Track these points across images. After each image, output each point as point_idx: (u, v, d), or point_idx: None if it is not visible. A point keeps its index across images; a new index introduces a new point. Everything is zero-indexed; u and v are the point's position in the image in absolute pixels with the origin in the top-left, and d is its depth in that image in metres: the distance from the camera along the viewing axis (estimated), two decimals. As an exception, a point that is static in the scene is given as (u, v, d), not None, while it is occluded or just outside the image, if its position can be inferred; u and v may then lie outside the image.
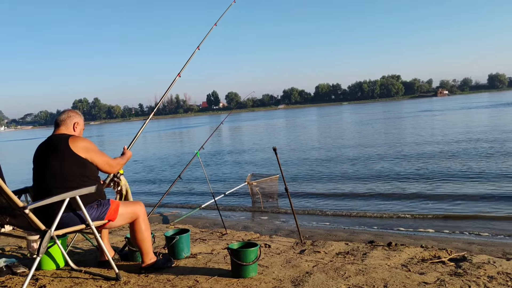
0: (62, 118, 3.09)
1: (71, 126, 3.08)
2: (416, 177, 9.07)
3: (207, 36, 4.39)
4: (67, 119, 3.08)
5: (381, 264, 3.24)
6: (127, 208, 3.06)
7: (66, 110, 3.21)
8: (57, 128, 3.07)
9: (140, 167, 15.36)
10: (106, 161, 3.03)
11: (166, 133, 43.76)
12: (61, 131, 3.04)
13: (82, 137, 3.03)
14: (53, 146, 2.92)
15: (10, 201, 2.53)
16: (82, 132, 3.18)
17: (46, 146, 2.98)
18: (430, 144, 14.86)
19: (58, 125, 3.08)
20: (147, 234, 3.14)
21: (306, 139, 21.44)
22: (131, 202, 3.23)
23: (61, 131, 3.04)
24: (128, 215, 3.06)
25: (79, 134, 3.12)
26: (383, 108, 66.08)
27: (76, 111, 3.22)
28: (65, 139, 2.90)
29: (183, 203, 8.54)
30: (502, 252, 4.02)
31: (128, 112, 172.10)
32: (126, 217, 3.05)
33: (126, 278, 3.07)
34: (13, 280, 3.16)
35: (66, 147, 2.86)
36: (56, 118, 3.12)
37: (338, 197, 7.99)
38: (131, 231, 3.14)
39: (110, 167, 3.09)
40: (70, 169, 2.85)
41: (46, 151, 2.94)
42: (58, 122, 3.09)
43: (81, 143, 2.91)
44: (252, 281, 2.92)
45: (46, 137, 3.08)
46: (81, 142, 2.92)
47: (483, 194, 7.17)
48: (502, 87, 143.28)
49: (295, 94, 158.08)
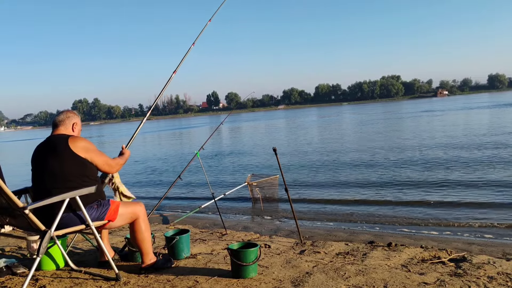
0: (60, 118, 3.08)
1: (70, 126, 3.08)
2: (416, 177, 9.07)
3: (203, 33, 4.38)
4: (65, 120, 3.08)
5: (381, 265, 3.24)
6: (127, 209, 3.07)
7: (64, 110, 3.19)
8: (55, 128, 3.07)
9: (140, 168, 15.36)
10: (105, 161, 3.03)
11: (166, 133, 43.78)
12: (60, 132, 3.03)
13: (82, 137, 3.03)
14: (53, 146, 2.92)
15: (10, 202, 2.53)
16: (80, 133, 3.19)
17: (45, 146, 2.97)
18: (429, 147, 14.85)
19: (56, 125, 3.07)
20: (147, 234, 3.14)
21: (306, 140, 21.44)
22: (131, 203, 3.23)
23: (60, 131, 3.04)
24: (128, 215, 3.06)
25: (78, 134, 3.12)
26: (384, 108, 66.09)
27: (74, 111, 3.22)
28: (65, 139, 2.90)
29: (183, 204, 8.54)
30: (502, 252, 4.02)
31: (128, 112, 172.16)
32: (126, 218, 3.05)
33: (126, 278, 3.07)
34: (13, 281, 3.16)
35: (66, 147, 2.86)
36: (54, 119, 3.11)
37: (338, 197, 7.97)
38: (131, 231, 3.14)
39: (109, 167, 3.09)
40: (70, 169, 2.85)
41: (45, 151, 2.94)
42: (56, 122, 3.08)
43: (81, 143, 2.91)
44: (252, 282, 2.92)
45: (45, 138, 3.07)
46: (81, 142, 2.92)
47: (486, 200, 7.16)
48: (502, 87, 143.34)
49: (295, 94, 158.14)
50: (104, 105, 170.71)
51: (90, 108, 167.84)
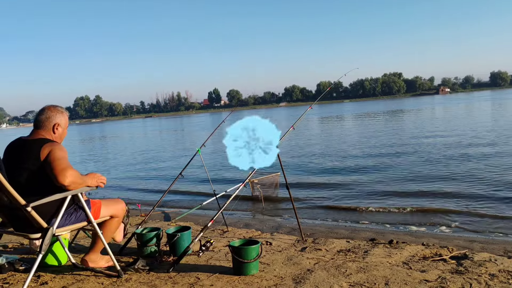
0: (40, 119, 2.83)
1: (50, 128, 2.83)
2: (418, 175, 9.06)
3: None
4: (45, 121, 2.82)
5: (382, 262, 3.24)
6: (108, 209, 3.06)
7: (46, 108, 2.88)
8: (35, 130, 2.83)
9: (141, 165, 15.38)
10: (64, 168, 2.64)
11: (168, 130, 43.78)
12: (39, 135, 2.79)
13: (57, 145, 2.74)
14: (25, 156, 2.69)
15: (12, 199, 2.53)
16: (65, 132, 2.95)
17: (18, 151, 2.74)
18: (432, 144, 14.82)
19: (36, 126, 2.83)
20: (111, 235, 3.16)
21: (308, 137, 21.42)
22: (113, 202, 3.15)
23: (38, 135, 2.80)
24: (108, 215, 3.07)
25: (60, 136, 2.90)
26: (387, 106, 65.86)
27: (57, 108, 2.90)
28: (38, 150, 2.66)
29: (184, 201, 8.55)
30: (503, 250, 4.01)
31: (130, 109, 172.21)
32: (106, 216, 3.07)
33: (127, 275, 3.08)
34: (15, 277, 3.17)
35: (37, 159, 2.64)
36: (36, 118, 2.84)
37: (339, 194, 7.97)
38: (102, 225, 3.09)
39: (63, 172, 2.64)
40: (37, 181, 2.68)
41: (16, 158, 2.72)
42: (36, 123, 2.84)
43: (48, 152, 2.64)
44: (253, 279, 2.93)
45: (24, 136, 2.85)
46: (49, 150, 2.65)
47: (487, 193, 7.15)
48: (504, 84, 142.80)
49: (297, 91, 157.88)
50: (106, 102, 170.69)
51: (92, 105, 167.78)
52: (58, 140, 2.87)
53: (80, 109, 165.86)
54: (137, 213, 6.51)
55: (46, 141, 2.73)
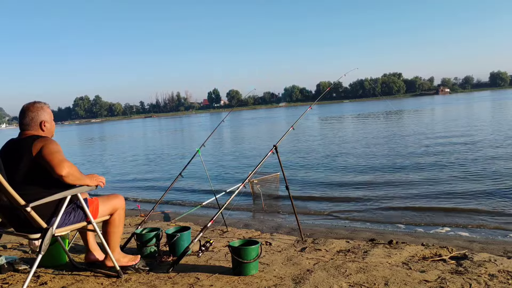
0: (25, 122, 2.79)
1: (37, 126, 2.80)
2: (418, 175, 9.06)
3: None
4: (31, 123, 2.78)
5: (382, 262, 3.24)
6: (106, 205, 3.02)
7: (25, 109, 2.80)
8: (23, 130, 2.80)
9: (141, 165, 15.37)
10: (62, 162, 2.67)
11: (167, 130, 43.77)
12: (29, 134, 2.77)
13: (49, 139, 2.73)
14: (17, 155, 2.68)
15: (11, 199, 2.52)
16: (52, 124, 2.91)
17: (10, 153, 2.73)
18: (432, 144, 14.82)
19: (23, 130, 2.80)
20: (118, 229, 3.09)
21: (308, 137, 21.42)
22: (110, 197, 3.12)
23: (27, 134, 2.78)
24: (107, 211, 3.04)
25: (50, 131, 2.88)
26: (387, 106, 65.85)
27: (36, 105, 2.83)
28: (29, 147, 2.65)
29: (184, 201, 8.54)
30: (503, 250, 4.01)
31: (129, 109, 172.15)
32: (106, 214, 3.03)
33: (127, 275, 3.07)
34: (15, 277, 3.17)
35: (30, 156, 2.64)
36: (20, 122, 2.82)
37: (339, 195, 7.97)
38: (103, 223, 3.07)
39: (61, 166, 2.65)
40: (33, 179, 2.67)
41: (10, 159, 2.69)
42: (23, 127, 2.80)
43: (45, 148, 2.63)
44: (253, 279, 2.93)
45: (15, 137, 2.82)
46: (46, 145, 2.65)
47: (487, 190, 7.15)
48: (504, 85, 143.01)
49: (296, 91, 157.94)
50: (106, 102, 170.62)
51: (92, 106, 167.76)
52: (49, 135, 2.86)
53: (80, 109, 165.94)
54: (136, 213, 6.51)
55: (37, 137, 2.72)
